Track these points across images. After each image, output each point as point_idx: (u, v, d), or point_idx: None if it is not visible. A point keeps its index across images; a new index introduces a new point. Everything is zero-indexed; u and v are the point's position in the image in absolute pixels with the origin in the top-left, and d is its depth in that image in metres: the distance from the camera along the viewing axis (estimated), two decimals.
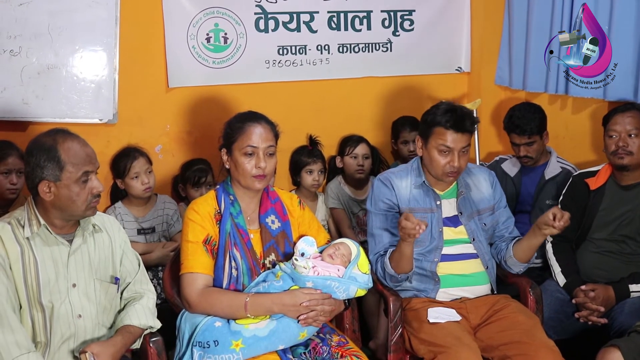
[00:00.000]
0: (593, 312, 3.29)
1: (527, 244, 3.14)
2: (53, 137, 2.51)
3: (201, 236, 2.77)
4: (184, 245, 2.80)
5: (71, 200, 2.51)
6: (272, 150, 2.83)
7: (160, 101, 4.28)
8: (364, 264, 2.82)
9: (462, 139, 3.09)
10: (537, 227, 3.03)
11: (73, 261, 2.58)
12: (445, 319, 2.99)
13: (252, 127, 2.80)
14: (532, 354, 2.78)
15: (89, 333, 2.61)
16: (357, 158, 4.40)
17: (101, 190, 2.58)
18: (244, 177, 2.81)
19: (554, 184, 3.93)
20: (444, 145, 3.09)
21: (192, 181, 4.10)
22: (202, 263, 2.75)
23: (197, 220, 2.79)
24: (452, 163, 3.09)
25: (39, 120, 3.90)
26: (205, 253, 2.76)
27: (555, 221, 2.93)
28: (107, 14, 3.96)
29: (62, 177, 2.48)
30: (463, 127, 3.08)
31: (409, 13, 4.75)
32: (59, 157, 2.47)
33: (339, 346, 2.73)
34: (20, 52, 3.83)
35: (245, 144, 2.79)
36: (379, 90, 4.79)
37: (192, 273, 2.74)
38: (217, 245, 2.78)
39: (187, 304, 2.75)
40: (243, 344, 2.59)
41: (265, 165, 2.79)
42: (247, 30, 4.37)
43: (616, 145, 3.38)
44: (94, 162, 2.57)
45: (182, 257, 2.78)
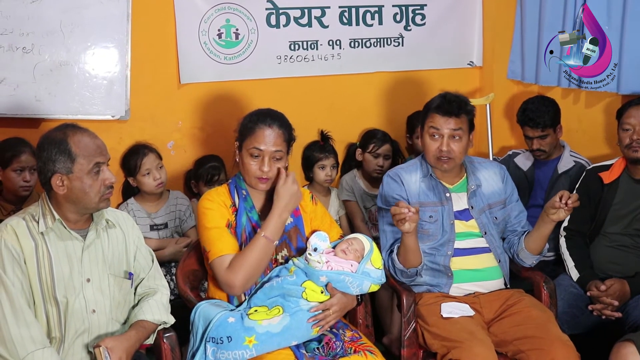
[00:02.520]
0: (607, 305, 3.28)
1: (537, 234, 3.12)
2: (63, 131, 2.53)
3: (222, 221, 2.76)
4: (205, 233, 2.77)
5: (84, 192, 2.52)
6: (279, 155, 2.80)
7: (172, 97, 4.29)
8: (377, 259, 2.82)
9: (449, 122, 3.11)
10: (546, 213, 3.02)
11: (87, 256, 2.59)
12: (459, 314, 2.99)
13: (261, 129, 2.78)
14: (547, 348, 2.77)
15: (102, 328, 2.61)
16: (378, 157, 4.36)
17: (113, 181, 2.59)
18: (247, 176, 2.82)
19: (567, 177, 3.91)
20: (433, 127, 3.13)
21: (205, 179, 4.10)
22: (229, 244, 2.73)
23: (214, 207, 2.78)
24: (441, 147, 3.10)
25: (52, 117, 3.92)
26: (230, 235, 2.75)
27: (561, 202, 2.92)
28: (118, 10, 3.98)
29: (74, 170, 2.49)
30: (450, 110, 3.11)
31: (420, 7, 4.74)
32: (69, 150, 2.49)
33: (352, 341, 2.72)
34: (33, 50, 3.85)
35: (252, 145, 2.78)
36: (390, 85, 4.78)
37: (222, 256, 2.71)
38: (235, 235, 2.78)
39: (227, 287, 2.72)
40: (256, 340, 2.59)
41: (268, 170, 2.77)
42: (259, 25, 4.37)
43: (630, 139, 3.36)
44: (105, 153, 2.58)
45: (208, 245, 2.75)
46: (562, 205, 2.93)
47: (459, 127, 3.12)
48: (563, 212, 2.96)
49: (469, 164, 3.29)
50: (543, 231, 3.10)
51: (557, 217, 3.00)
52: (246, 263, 2.68)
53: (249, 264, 2.68)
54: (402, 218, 2.83)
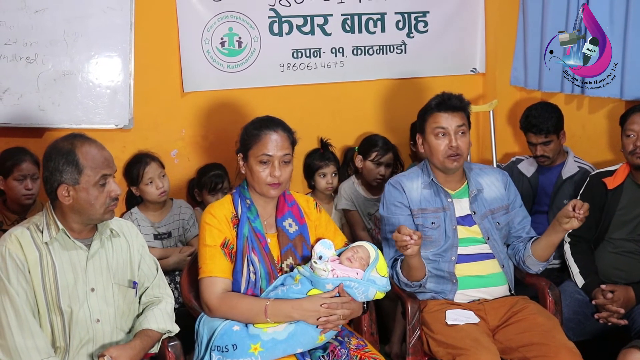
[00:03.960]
0: (613, 313, 3.27)
1: (547, 242, 3.11)
2: (71, 142, 2.53)
3: (219, 240, 2.77)
4: (201, 249, 2.80)
5: (89, 204, 2.52)
6: (287, 158, 2.82)
7: (175, 106, 4.29)
8: (383, 267, 2.81)
9: (454, 118, 3.12)
10: (558, 221, 3.00)
11: (91, 266, 2.59)
12: (464, 321, 2.98)
13: (268, 135, 2.79)
14: (552, 355, 2.76)
15: (107, 337, 2.61)
16: (380, 166, 4.29)
17: (119, 194, 2.60)
18: (258, 184, 2.81)
19: (571, 183, 3.91)
20: (439, 127, 3.13)
21: (208, 187, 4.09)
22: (220, 267, 2.75)
23: (214, 224, 2.79)
24: (450, 144, 3.11)
25: (55, 127, 3.92)
26: (223, 257, 2.76)
27: (575, 211, 2.91)
28: (121, 19, 3.98)
29: (80, 181, 2.50)
30: (451, 105, 3.13)
31: (423, 14, 4.74)
32: (77, 161, 2.49)
33: (357, 349, 2.72)
34: (37, 59, 3.85)
35: (260, 152, 2.78)
36: (393, 92, 4.78)
37: (211, 277, 2.74)
38: (235, 249, 2.78)
39: (206, 308, 2.75)
40: (262, 348, 2.59)
41: (280, 174, 2.78)
42: (262, 34, 4.38)
43: (634, 145, 3.35)
44: (112, 165, 2.59)
45: (201, 262, 2.78)
46: (576, 214, 2.92)
47: (463, 123, 3.14)
48: (576, 222, 2.94)
49: (470, 170, 3.29)
50: (553, 239, 3.09)
51: (570, 226, 2.98)
52: (236, 308, 2.70)
53: (237, 310, 2.70)
54: (404, 245, 2.82)
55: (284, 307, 2.66)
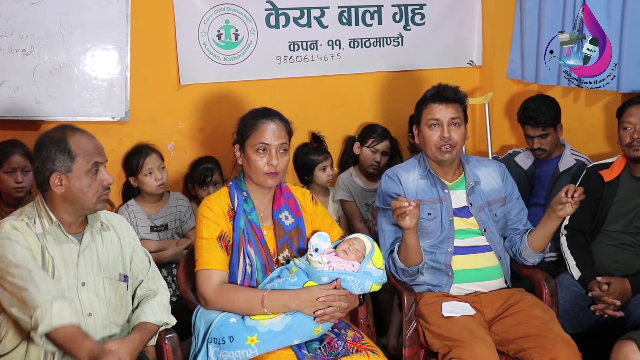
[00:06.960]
0: (609, 305, 3.27)
1: (542, 231, 3.12)
2: (62, 131, 2.55)
3: (215, 233, 2.77)
4: (198, 242, 2.80)
5: (82, 192, 2.52)
6: (284, 147, 2.82)
7: (172, 98, 4.28)
8: (379, 259, 2.81)
9: (448, 109, 3.13)
10: (552, 209, 3.01)
11: (82, 260, 2.60)
12: (460, 313, 2.98)
13: (265, 124, 2.80)
14: (549, 347, 2.76)
15: (99, 331, 2.60)
16: (376, 153, 4.33)
17: (111, 182, 2.60)
18: (256, 174, 2.81)
19: (568, 176, 3.91)
20: (432, 118, 3.14)
21: (198, 180, 4.09)
22: (217, 259, 2.75)
23: (210, 216, 2.79)
24: (442, 134, 3.11)
25: (52, 119, 3.90)
26: (220, 249, 2.76)
27: (567, 196, 2.92)
28: (118, 12, 3.97)
29: (73, 169, 2.50)
30: (446, 96, 3.14)
31: (419, 7, 4.74)
32: (69, 149, 2.50)
33: (354, 341, 2.72)
34: (33, 52, 3.84)
35: (257, 141, 2.79)
36: (390, 84, 4.78)
37: (208, 269, 2.74)
38: (232, 241, 2.79)
39: (203, 300, 2.75)
40: (258, 339, 2.59)
41: (277, 163, 2.78)
42: (258, 26, 4.37)
43: (631, 137, 3.36)
44: (103, 154, 2.60)
45: (197, 254, 2.79)
46: (569, 199, 2.93)
47: (457, 115, 3.15)
48: (570, 207, 2.95)
49: (467, 162, 3.29)
50: (548, 228, 3.10)
51: (565, 213, 2.99)
52: (233, 300, 2.70)
53: (234, 302, 2.70)
54: (402, 212, 2.83)
55: (281, 297, 2.66)
